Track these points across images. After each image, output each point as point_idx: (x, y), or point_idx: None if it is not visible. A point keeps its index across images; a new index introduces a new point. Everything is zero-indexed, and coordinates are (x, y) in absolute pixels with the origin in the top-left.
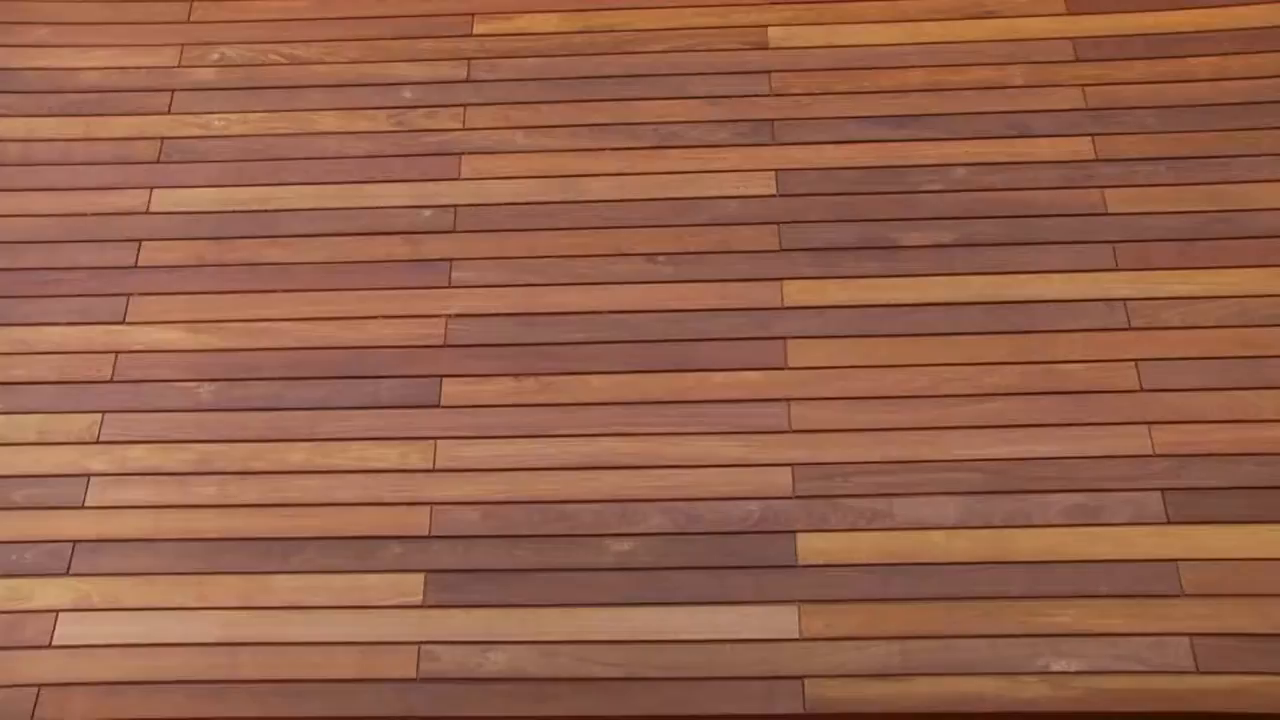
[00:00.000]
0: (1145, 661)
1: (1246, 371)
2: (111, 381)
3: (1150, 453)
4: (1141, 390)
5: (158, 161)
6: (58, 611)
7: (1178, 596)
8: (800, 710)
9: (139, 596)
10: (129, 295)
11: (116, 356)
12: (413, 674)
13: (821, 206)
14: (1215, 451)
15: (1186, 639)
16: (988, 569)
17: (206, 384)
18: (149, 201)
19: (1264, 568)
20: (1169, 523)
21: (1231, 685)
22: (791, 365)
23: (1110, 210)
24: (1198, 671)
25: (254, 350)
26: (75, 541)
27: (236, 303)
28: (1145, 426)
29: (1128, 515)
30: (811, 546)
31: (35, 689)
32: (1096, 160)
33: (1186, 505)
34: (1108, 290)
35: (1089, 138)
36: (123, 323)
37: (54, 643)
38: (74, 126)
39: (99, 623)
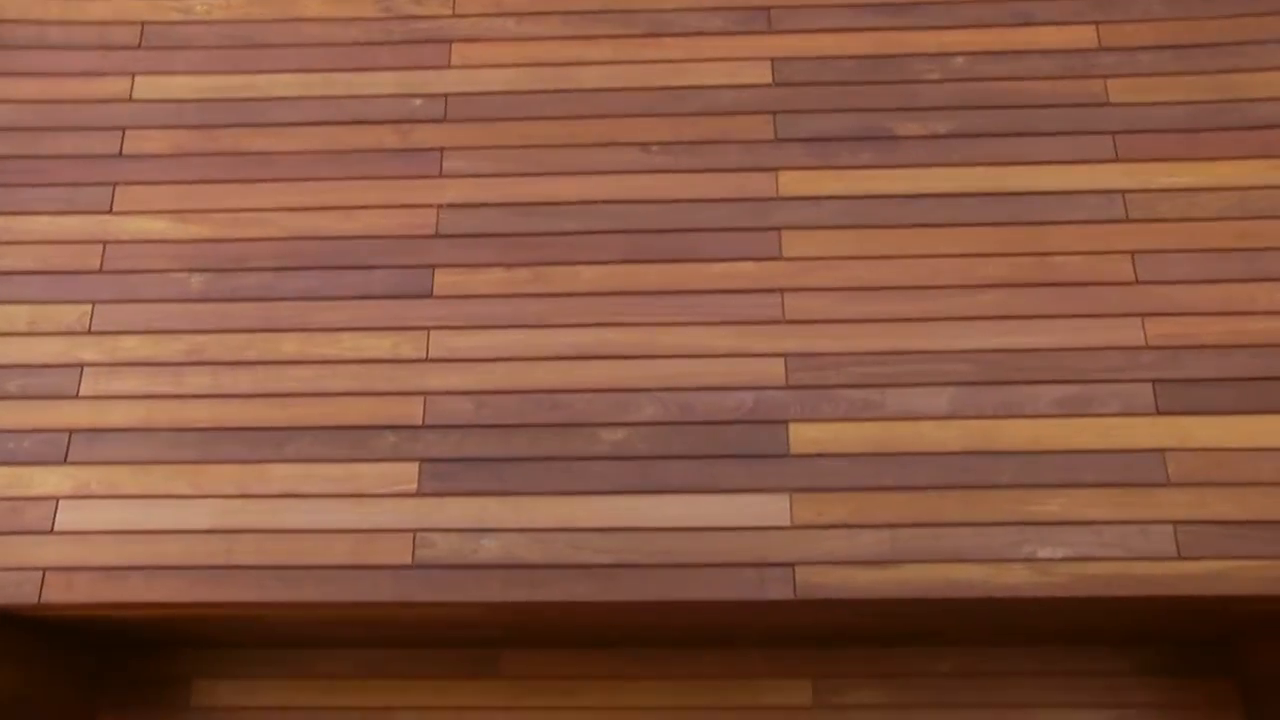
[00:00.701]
0: (1129, 548)
1: (1243, 264)
2: (100, 272)
3: (1143, 344)
4: (1136, 282)
5: (139, 47)
6: (58, 499)
7: (1163, 485)
8: (791, 596)
9: (137, 484)
10: (114, 184)
11: (104, 247)
12: (408, 560)
13: (818, 96)
14: (1208, 343)
15: (1170, 527)
16: (977, 458)
17: (196, 274)
18: (131, 89)
19: (1249, 457)
20: (1158, 414)
21: (1211, 570)
22: (786, 256)
23: (1112, 101)
24: (1179, 557)
25: (243, 240)
26: (71, 431)
27: (224, 192)
28: (1139, 318)
29: (1118, 406)
30: (804, 436)
31: (41, 572)
32: (1099, 49)
33: (1176, 396)
34: (1105, 182)
35: (1093, 26)
36: (109, 212)
37: (56, 529)
38: (49, 7)
39: (99, 509)
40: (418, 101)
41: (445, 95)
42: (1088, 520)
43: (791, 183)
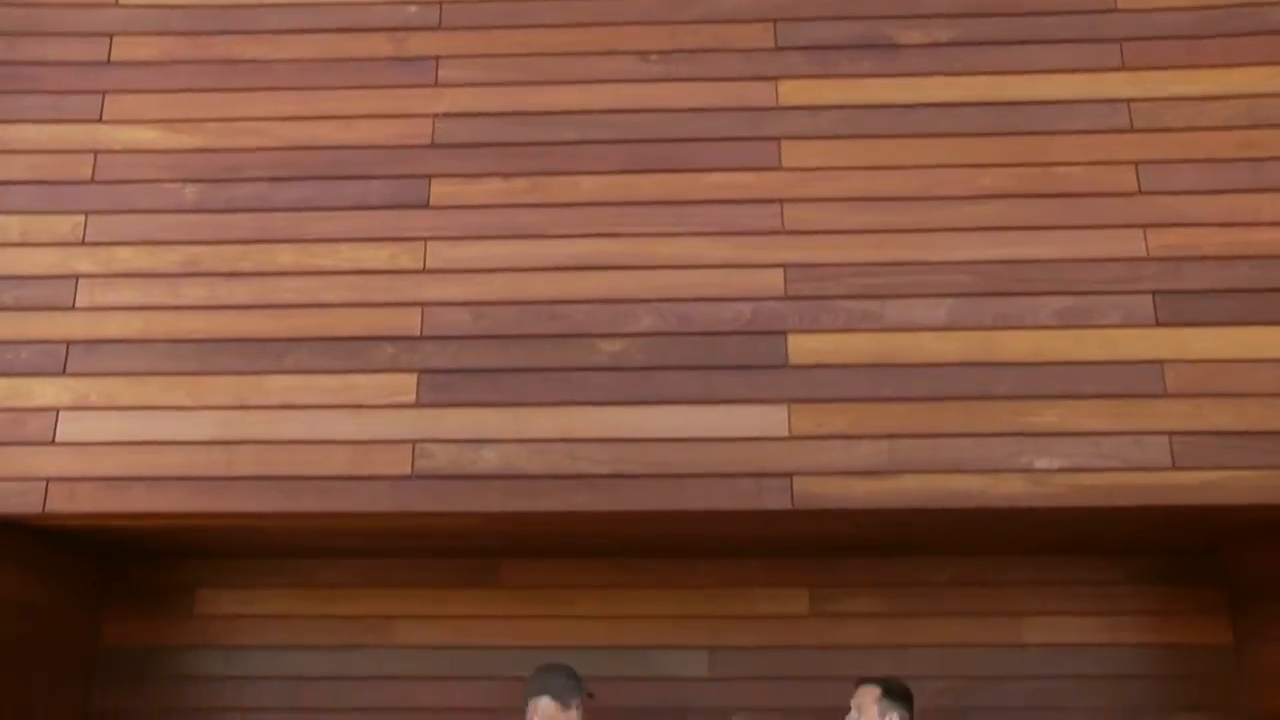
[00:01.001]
0: (1125, 459)
1: (1248, 174)
2: (92, 182)
3: (1144, 256)
4: (1139, 193)
5: None
6: (58, 410)
7: (1161, 396)
8: (789, 506)
9: (135, 396)
10: (104, 93)
11: (95, 156)
12: (407, 471)
13: (818, 2)
14: (1210, 254)
15: (1166, 437)
16: (976, 370)
17: (190, 185)
18: None
19: (1247, 368)
20: (1158, 325)
21: (1204, 480)
22: (785, 166)
23: (1120, 7)
24: (1174, 468)
25: (236, 150)
26: (69, 342)
27: (216, 101)
28: (1141, 230)
29: (1118, 318)
30: (802, 346)
31: (44, 483)
32: None
33: (1176, 308)
34: (1110, 91)
35: None
36: (99, 121)
37: (57, 439)
38: None
39: (98, 420)
40: (412, 9)
41: (440, 2)
42: (1085, 431)
43: (791, 92)
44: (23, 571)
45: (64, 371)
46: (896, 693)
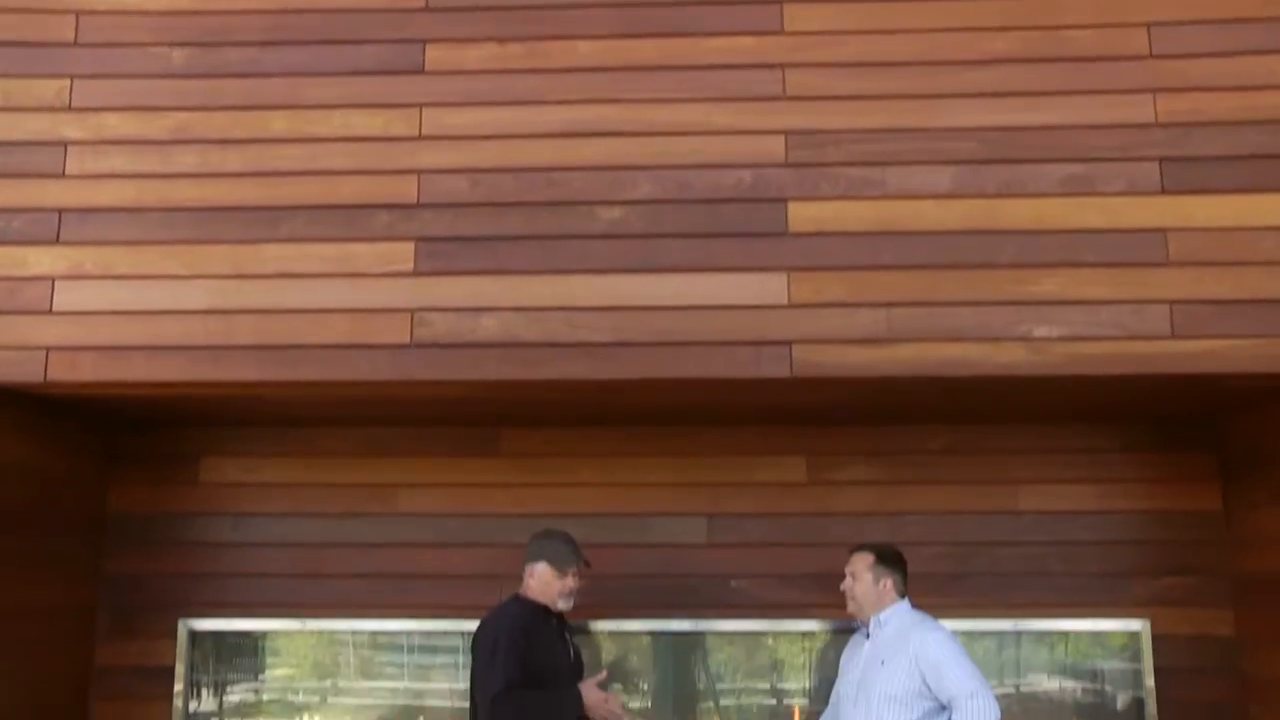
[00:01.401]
0: (1124, 327)
1: (1263, 35)
2: (75, 45)
3: (1152, 121)
4: (1150, 56)
5: None
6: (53, 279)
7: (1163, 265)
8: (787, 374)
9: (130, 265)
10: None
11: (78, 17)
12: (406, 339)
13: None
14: (1220, 119)
15: (1166, 306)
16: (977, 237)
17: (178, 48)
18: None
19: (1250, 236)
20: (1163, 193)
21: (1203, 349)
22: (787, 30)
23: None
24: (1173, 336)
25: (226, 13)
26: (61, 210)
27: None
28: (1150, 94)
29: (1122, 185)
30: (802, 214)
31: (44, 352)
32: None
33: (1183, 175)
34: None
35: None
36: None
37: (54, 309)
38: None
39: (95, 290)
40: None
41: None
42: (1085, 300)
43: None
44: (29, 439)
45: (57, 240)
46: (890, 559)
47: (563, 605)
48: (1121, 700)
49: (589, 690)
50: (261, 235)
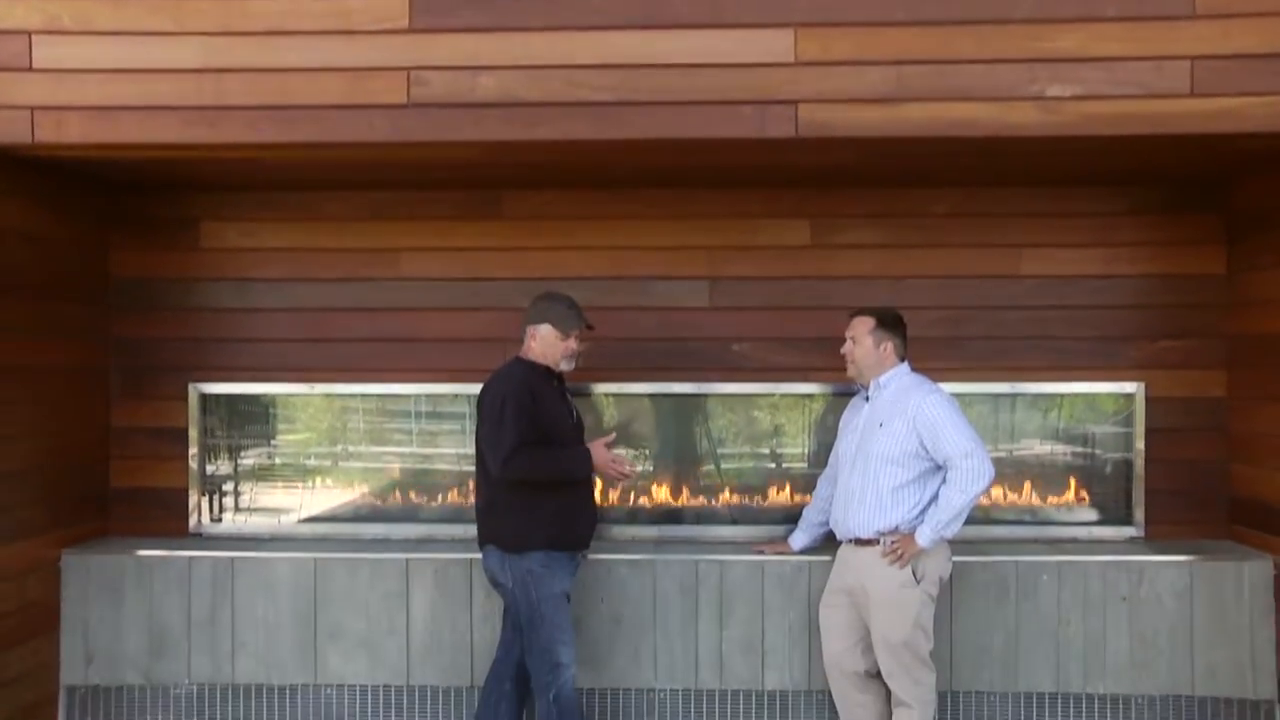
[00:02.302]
0: (1142, 85)
1: None
2: None
3: None
4: None
5: None
6: (29, 33)
7: (1188, 18)
8: (793, 134)
9: (113, 20)
10: None
11: None
12: (403, 99)
13: None
14: None
15: (1188, 62)
16: None
17: None
18: None
19: None
20: None
21: (1222, 107)
22: None
23: None
24: (1192, 94)
25: None
26: None
27: None
28: None
29: None
30: None
31: (29, 111)
32: None
33: None
34: None
35: None
36: None
37: (34, 65)
38: None
39: (76, 45)
40: None
41: None
42: (1103, 56)
43: None
44: (27, 204)
45: None
46: (891, 323)
47: (565, 367)
48: (1111, 462)
49: (598, 449)
50: None
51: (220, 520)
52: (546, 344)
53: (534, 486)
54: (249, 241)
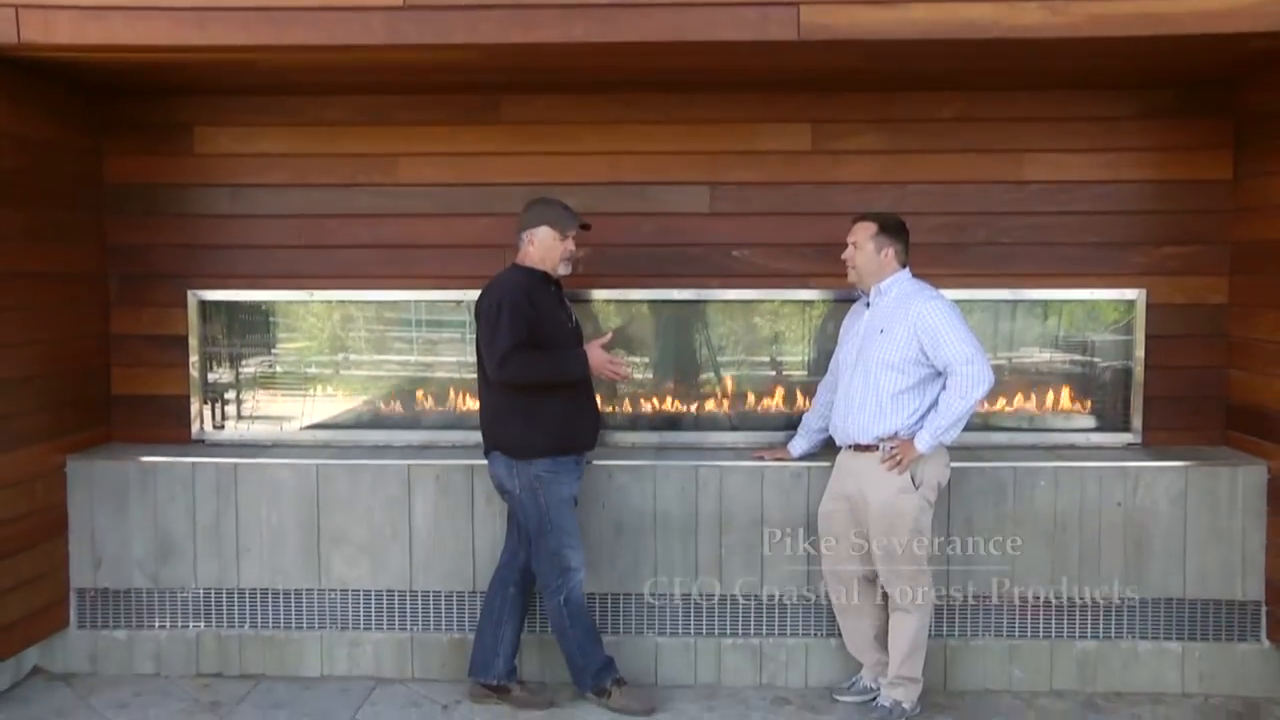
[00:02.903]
0: None
1: None
2: None
3: None
4: None
5: None
6: None
7: None
8: (794, 37)
9: None
10: None
11: None
12: (400, 1)
13: None
14: None
15: None
16: None
17: None
18: None
19: None
20: None
21: (1232, 6)
22: None
23: None
24: None
25: None
26: None
27: None
28: None
29: None
30: None
31: (13, 10)
32: None
33: None
34: None
35: None
36: None
37: None
38: None
39: None
40: None
41: None
42: None
43: None
44: (18, 107)
45: None
46: (892, 228)
47: (563, 270)
48: (1111, 369)
49: (594, 351)
50: None
51: (223, 427)
52: (545, 247)
53: (533, 390)
54: (244, 147)
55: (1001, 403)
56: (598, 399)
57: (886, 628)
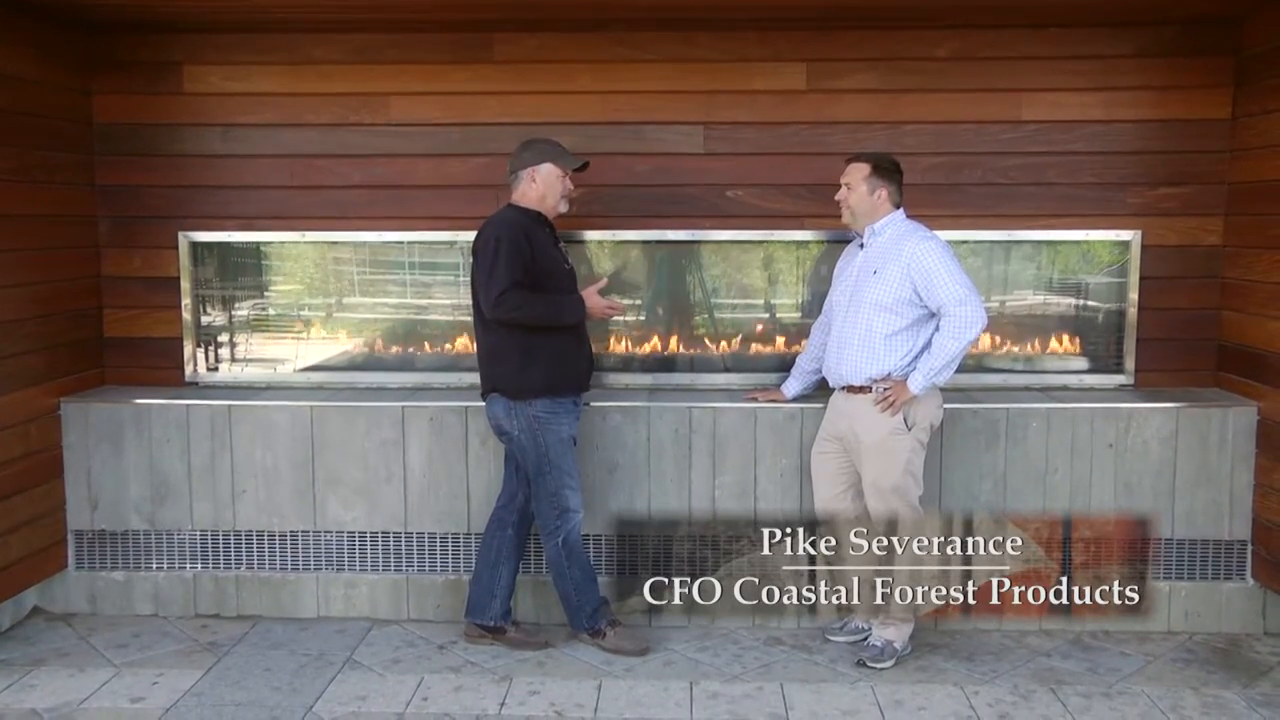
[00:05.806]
0: None
1: None
2: None
3: None
4: None
5: None
6: None
7: None
8: None
9: None
10: None
11: None
12: None
13: None
14: None
15: None
16: None
17: None
18: None
19: None
20: None
21: None
22: None
23: None
24: None
25: None
26: None
27: None
28: None
29: None
30: None
31: None
32: None
33: None
34: None
35: None
36: None
37: None
38: None
39: None
40: None
41: None
42: None
43: None
44: (4, 45)
45: None
46: (886, 169)
47: (563, 209)
48: (1104, 310)
49: (591, 296)
50: None
51: (216, 370)
52: (548, 184)
53: (527, 330)
54: (233, 86)
55: (995, 344)
56: (591, 341)
57: None
